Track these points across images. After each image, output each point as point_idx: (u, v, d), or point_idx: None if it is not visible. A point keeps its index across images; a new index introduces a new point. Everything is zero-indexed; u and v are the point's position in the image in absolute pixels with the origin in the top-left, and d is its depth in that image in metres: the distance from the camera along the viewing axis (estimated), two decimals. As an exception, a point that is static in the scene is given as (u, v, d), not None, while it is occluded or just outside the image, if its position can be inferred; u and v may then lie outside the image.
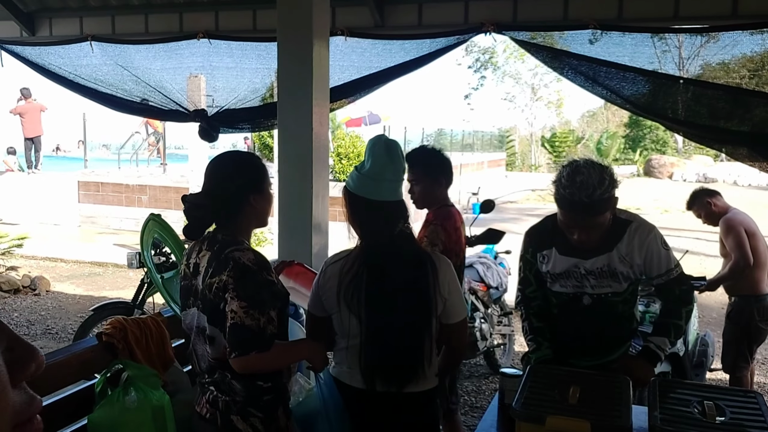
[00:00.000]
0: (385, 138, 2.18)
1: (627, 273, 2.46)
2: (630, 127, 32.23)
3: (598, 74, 4.04)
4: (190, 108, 5.40)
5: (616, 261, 2.45)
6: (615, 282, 2.48)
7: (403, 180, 2.14)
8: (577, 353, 2.58)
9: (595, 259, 2.47)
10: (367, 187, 2.08)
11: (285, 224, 3.77)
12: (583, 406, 1.88)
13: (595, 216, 2.33)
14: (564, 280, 2.54)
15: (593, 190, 2.27)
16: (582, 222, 2.36)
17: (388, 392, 2.08)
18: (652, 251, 2.45)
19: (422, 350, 2.08)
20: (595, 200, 2.28)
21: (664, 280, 2.49)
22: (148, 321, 2.50)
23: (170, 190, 12.67)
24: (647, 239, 2.45)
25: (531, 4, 4.28)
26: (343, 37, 4.62)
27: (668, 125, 4.52)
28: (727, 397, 1.96)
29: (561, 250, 2.52)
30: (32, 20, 5.69)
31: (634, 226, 2.47)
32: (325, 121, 3.84)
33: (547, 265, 2.57)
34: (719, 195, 4.39)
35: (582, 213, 2.33)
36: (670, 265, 2.49)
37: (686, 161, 25.09)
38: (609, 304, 2.51)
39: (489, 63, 33.42)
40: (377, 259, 2.08)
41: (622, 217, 2.49)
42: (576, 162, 2.40)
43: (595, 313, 2.52)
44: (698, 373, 4.48)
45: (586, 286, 2.50)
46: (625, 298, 2.52)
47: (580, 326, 2.55)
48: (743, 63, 3.96)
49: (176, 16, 5.26)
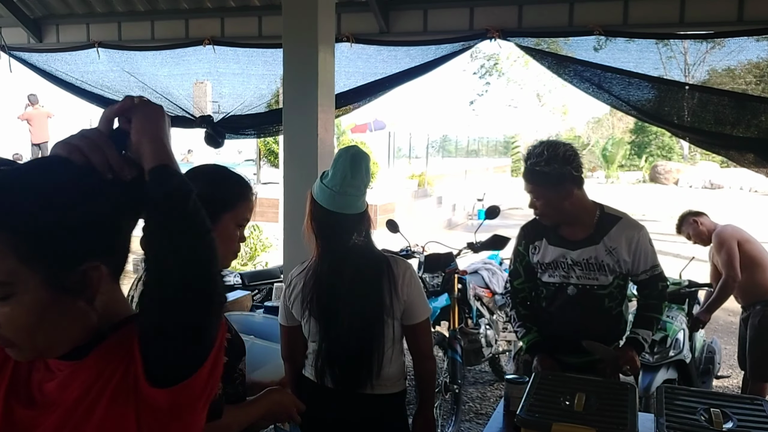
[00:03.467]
0: (354, 151, 2.15)
1: (613, 266, 2.56)
2: (635, 133, 32.20)
3: (603, 80, 4.04)
4: (196, 114, 5.42)
5: (602, 253, 2.56)
6: (601, 274, 2.58)
7: (365, 194, 2.15)
8: (564, 348, 2.67)
9: (581, 250, 2.58)
10: (328, 198, 2.10)
11: (290, 229, 3.76)
12: (589, 413, 1.87)
13: (541, 186, 2.52)
14: (552, 270, 2.65)
15: (544, 162, 2.47)
16: (531, 190, 2.56)
17: (338, 390, 2.14)
18: (640, 248, 2.57)
19: (373, 353, 2.10)
20: (542, 171, 2.48)
21: (649, 275, 2.61)
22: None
23: (176, 195, 12.70)
24: (637, 236, 2.58)
25: (536, 11, 4.28)
26: (349, 44, 4.63)
27: (674, 131, 4.50)
28: (734, 404, 1.95)
29: (550, 241, 2.66)
30: (39, 27, 5.73)
31: (623, 223, 2.60)
32: (331, 127, 3.84)
33: (537, 256, 2.69)
34: (705, 215, 4.45)
35: (530, 180, 2.55)
36: (655, 261, 2.62)
37: (692, 167, 25.04)
38: (594, 297, 2.60)
39: (494, 69, 33.45)
40: (333, 265, 2.12)
41: (612, 213, 2.64)
42: (546, 140, 2.63)
43: (581, 305, 2.61)
44: (705, 380, 4.46)
45: (571, 276, 2.61)
46: (610, 292, 2.60)
47: (566, 319, 2.64)
48: (749, 69, 3.95)
49: (182, 23, 5.29)
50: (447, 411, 4.22)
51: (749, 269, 4.20)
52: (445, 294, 4.54)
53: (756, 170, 4.05)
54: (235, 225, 1.66)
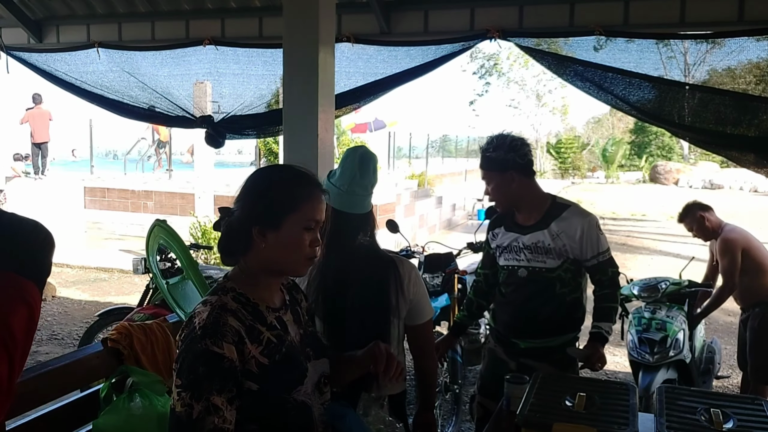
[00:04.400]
0: (363, 151, 2.17)
1: (559, 250, 2.74)
2: (636, 134, 32.20)
3: (603, 80, 4.04)
4: (197, 114, 5.42)
5: (548, 238, 2.75)
6: (548, 258, 2.75)
7: (372, 194, 2.17)
8: (518, 332, 2.86)
9: (531, 234, 2.79)
10: (335, 196, 2.11)
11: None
12: (590, 413, 1.87)
13: (489, 171, 2.76)
14: (507, 254, 2.86)
15: (492, 149, 2.73)
16: (483, 176, 2.80)
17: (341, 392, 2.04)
18: (585, 233, 2.73)
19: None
20: (489, 156, 2.73)
21: (598, 260, 2.76)
22: (154, 327, 2.50)
23: (176, 196, 12.72)
24: (583, 222, 2.75)
25: (537, 11, 4.28)
26: (349, 44, 4.63)
27: (674, 131, 4.50)
28: (734, 404, 1.95)
29: (507, 227, 2.89)
30: (40, 27, 5.74)
31: (571, 210, 2.80)
32: (331, 127, 3.85)
33: (496, 241, 2.93)
34: (712, 210, 4.39)
35: (481, 165, 2.79)
36: (604, 248, 2.77)
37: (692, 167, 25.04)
38: (544, 280, 2.78)
39: (494, 69, 33.45)
40: (339, 264, 2.12)
41: (562, 202, 2.86)
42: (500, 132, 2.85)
43: (531, 289, 2.80)
44: (705, 380, 4.46)
45: (522, 259, 2.81)
46: (559, 275, 2.76)
47: (518, 302, 2.84)
48: (749, 69, 3.95)
49: (182, 23, 5.29)
50: (447, 411, 4.22)
51: (751, 273, 4.20)
52: (445, 294, 4.54)
53: (756, 170, 4.04)
54: (301, 228, 1.55)
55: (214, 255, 9.13)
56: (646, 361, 3.99)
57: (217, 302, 1.48)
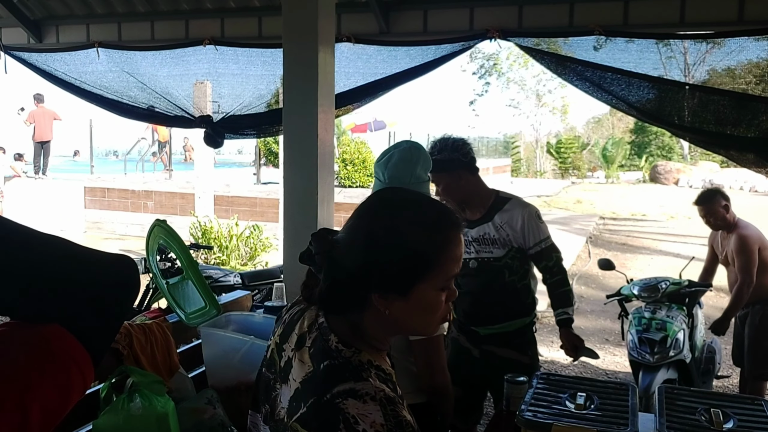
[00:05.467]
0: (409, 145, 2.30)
1: (504, 240, 2.95)
2: (636, 133, 32.17)
3: (603, 80, 4.04)
4: (196, 114, 5.42)
5: (492, 229, 2.97)
6: (495, 248, 2.97)
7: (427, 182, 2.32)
8: (477, 320, 3.07)
9: (478, 227, 3.00)
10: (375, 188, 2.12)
11: (290, 230, 3.77)
12: (590, 413, 1.87)
13: (437, 173, 2.81)
14: None
15: (437, 151, 2.89)
16: (432, 179, 2.77)
17: None
18: (525, 223, 2.95)
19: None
20: (435, 159, 2.74)
21: (541, 247, 2.98)
22: (154, 327, 2.50)
23: (176, 196, 12.72)
24: (522, 212, 2.97)
25: (536, 11, 4.27)
26: (349, 44, 4.63)
27: (674, 131, 4.50)
28: (734, 404, 1.94)
29: None
30: (39, 27, 5.73)
31: (512, 202, 3.01)
32: (331, 128, 3.84)
33: None
34: (730, 200, 4.35)
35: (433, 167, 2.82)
36: (544, 235, 2.99)
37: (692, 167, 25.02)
38: (493, 269, 2.98)
39: (493, 69, 33.43)
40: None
41: (504, 196, 3.05)
42: (442, 136, 3.01)
43: (483, 279, 3.00)
44: (705, 380, 4.46)
45: (471, 251, 3.00)
46: (506, 263, 2.97)
47: (472, 292, 3.01)
48: (749, 69, 3.95)
49: (182, 23, 5.29)
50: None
51: (758, 271, 4.21)
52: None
53: (756, 170, 4.04)
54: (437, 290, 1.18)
55: (214, 255, 9.14)
56: (646, 361, 3.99)
57: (378, 393, 1.10)
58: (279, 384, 1.23)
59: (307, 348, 1.20)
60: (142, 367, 2.30)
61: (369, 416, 1.05)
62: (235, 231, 9.55)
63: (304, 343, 1.21)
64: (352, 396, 1.08)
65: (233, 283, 5.34)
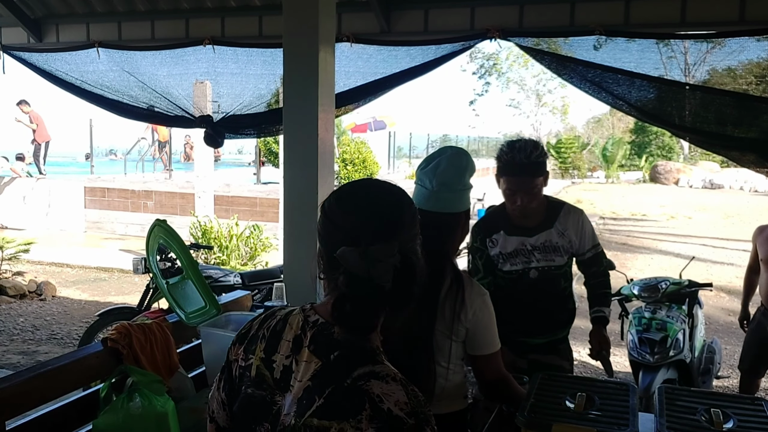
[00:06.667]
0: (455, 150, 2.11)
1: (566, 246, 2.87)
2: (636, 133, 32.15)
3: (603, 80, 4.03)
4: (196, 114, 5.41)
5: (555, 236, 2.86)
6: (557, 255, 2.87)
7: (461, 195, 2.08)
8: (528, 332, 2.92)
9: (538, 235, 2.86)
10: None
11: (290, 230, 3.76)
12: (590, 413, 1.87)
13: (534, 176, 2.70)
14: (514, 258, 2.89)
15: (530, 152, 2.67)
16: (523, 185, 2.72)
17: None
18: (584, 229, 2.91)
19: (422, 365, 1.96)
20: (532, 161, 2.66)
21: (593, 253, 2.95)
22: (153, 327, 2.49)
23: (176, 195, 12.72)
24: (580, 219, 2.91)
25: (537, 10, 4.27)
26: (349, 43, 4.63)
27: (675, 131, 4.50)
28: (734, 404, 1.94)
29: (509, 232, 2.89)
30: (39, 26, 5.73)
31: (567, 208, 2.93)
32: (331, 127, 3.84)
33: (498, 248, 2.90)
34: None
35: (522, 172, 2.70)
36: (596, 241, 2.97)
37: (692, 167, 25.01)
38: (552, 278, 2.90)
39: (493, 69, 33.44)
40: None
41: (555, 201, 2.95)
42: (518, 138, 2.90)
43: (541, 288, 2.88)
44: (705, 380, 4.46)
45: (532, 260, 2.87)
46: (565, 271, 2.92)
47: (528, 303, 2.88)
48: (750, 69, 3.95)
49: (182, 23, 5.28)
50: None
51: None
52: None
53: (757, 170, 4.04)
54: None
55: (214, 255, 9.14)
56: (646, 361, 3.99)
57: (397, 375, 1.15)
58: (278, 396, 1.20)
59: (306, 347, 1.19)
60: (142, 367, 2.30)
61: (393, 395, 1.08)
62: (235, 231, 9.55)
63: (302, 344, 1.20)
64: (374, 377, 1.11)
65: (233, 283, 5.34)
